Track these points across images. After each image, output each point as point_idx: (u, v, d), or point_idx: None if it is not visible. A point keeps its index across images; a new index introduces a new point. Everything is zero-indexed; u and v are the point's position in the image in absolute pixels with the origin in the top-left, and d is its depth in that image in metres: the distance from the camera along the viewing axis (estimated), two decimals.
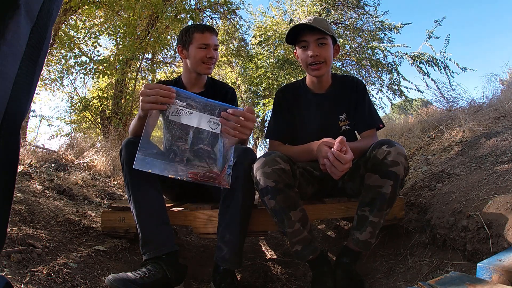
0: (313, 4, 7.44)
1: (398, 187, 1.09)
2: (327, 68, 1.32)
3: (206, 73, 1.46)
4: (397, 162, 1.06)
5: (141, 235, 1.14)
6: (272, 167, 1.07)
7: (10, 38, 0.45)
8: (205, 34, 1.42)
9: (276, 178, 1.07)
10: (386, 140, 1.13)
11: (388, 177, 1.07)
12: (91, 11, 5.18)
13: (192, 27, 1.46)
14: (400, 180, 1.08)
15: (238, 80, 9.13)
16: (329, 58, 1.30)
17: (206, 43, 1.42)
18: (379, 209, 1.09)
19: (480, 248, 1.05)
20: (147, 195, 1.16)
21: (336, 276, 1.14)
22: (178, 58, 7.05)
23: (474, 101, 2.97)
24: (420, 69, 7.07)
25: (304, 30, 1.29)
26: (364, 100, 1.38)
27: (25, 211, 1.38)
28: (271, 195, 1.07)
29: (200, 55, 1.41)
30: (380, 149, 1.09)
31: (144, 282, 1.02)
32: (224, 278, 1.13)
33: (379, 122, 1.37)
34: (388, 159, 1.07)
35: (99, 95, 5.20)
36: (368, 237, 1.11)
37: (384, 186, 1.07)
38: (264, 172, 1.07)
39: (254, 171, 1.11)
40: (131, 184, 1.16)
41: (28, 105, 0.53)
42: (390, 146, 1.08)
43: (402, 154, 1.07)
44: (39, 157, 2.71)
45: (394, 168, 1.06)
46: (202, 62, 1.42)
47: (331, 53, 1.31)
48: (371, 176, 1.11)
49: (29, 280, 0.91)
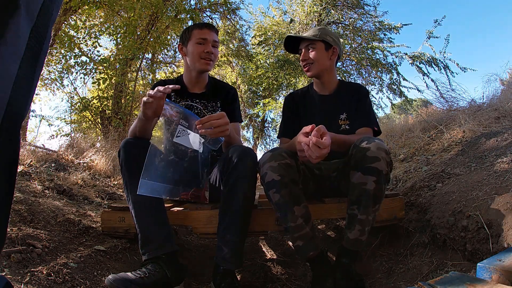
0: (313, 4, 7.43)
1: (382, 182, 1.08)
2: (318, 68, 1.42)
3: (204, 69, 1.44)
4: (377, 158, 1.06)
5: (140, 235, 1.14)
6: (278, 162, 1.11)
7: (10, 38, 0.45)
8: (204, 30, 1.43)
9: (282, 173, 1.10)
10: (366, 137, 1.14)
11: (370, 173, 1.06)
12: (91, 11, 5.18)
13: (192, 25, 1.47)
14: (383, 175, 1.07)
15: (238, 80, 9.13)
16: (317, 59, 1.41)
17: (204, 38, 1.41)
18: (365, 206, 1.09)
19: (480, 248, 1.05)
20: (145, 196, 1.15)
21: (336, 276, 1.14)
22: (178, 58, 7.05)
23: (474, 101, 2.97)
24: (420, 69, 7.06)
25: (298, 40, 1.46)
26: (363, 103, 1.41)
27: (25, 211, 1.38)
28: (276, 189, 1.10)
29: (198, 50, 1.41)
30: (360, 145, 1.10)
31: (144, 282, 1.02)
32: (224, 278, 1.13)
33: (375, 125, 1.38)
34: (368, 155, 1.06)
35: (99, 95, 5.19)
36: (357, 236, 1.11)
37: (368, 182, 1.07)
38: (270, 166, 1.10)
39: (261, 165, 1.14)
40: (130, 185, 1.16)
41: (28, 105, 0.53)
42: (369, 142, 1.08)
43: (382, 148, 1.07)
44: (39, 157, 2.71)
45: (375, 164, 1.06)
46: (200, 58, 1.41)
47: (320, 55, 1.41)
48: (354, 174, 1.11)
49: (29, 280, 0.91)
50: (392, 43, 7.32)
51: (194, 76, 1.49)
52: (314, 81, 1.54)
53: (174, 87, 1.13)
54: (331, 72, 1.47)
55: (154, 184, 1.09)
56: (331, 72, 1.47)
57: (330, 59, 1.44)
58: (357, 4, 7.43)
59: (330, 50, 1.43)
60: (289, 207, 1.11)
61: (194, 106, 1.49)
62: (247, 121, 11.01)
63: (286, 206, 1.11)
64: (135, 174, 1.14)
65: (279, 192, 1.10)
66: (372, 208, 1.09)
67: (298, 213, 1.12)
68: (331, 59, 1.44)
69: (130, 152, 1.18)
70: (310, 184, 1.31)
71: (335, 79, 1.50)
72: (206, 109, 1.49)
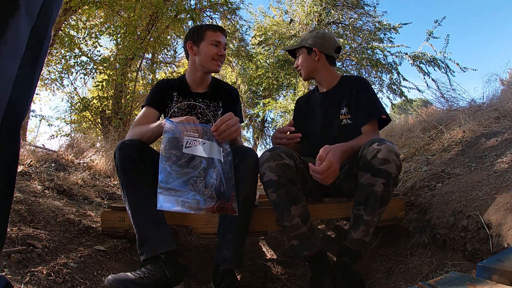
0: (313, 4, 7.43)
1: (391, 185, 1.08)
2: (305, 72, 1.52)
3: (215, 70, 1.48)
4: (388, 160, 1.06)
5: (137, 236, 1.14)
6: (276, 162, 1.12)
7: (10, 38, 0.45)
8: (217, 32, 1.46)
9: (280, 173, 1.11)
10: (377, 138, 1.13)
11: (380, 175, 1.07)
12: (91, 11, 5.18)
13: (205, 25, 1.49)
14: (392, 178, 1.08)
15: (238, 80, 9.14)
16: (302, 64, 1.52)
17: (218, 40, 1.44)
18: (372, 208, 1.09)
19: (480, 248, 1.05)
20: (142, 196, 1.15)
21: (337, 275, 1.15)
22: (178, 58, 7.05)
23: (474, 101, 2.97)
24: (421, 69, 7.07)
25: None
26: (364, 94, 1.39)
27: (25, 211, 1.38)
28: (274, 189, 1.12)
29: (212, 51, 1.43)
30: (371, 147, 1.10)
31: (144, 282, 1.02)
32: (224, 278, 1.13)
33: (381, 113, 1.34)
34: (379, 157, 1.06)
35: (99, 95, 5.18)
36: (361, 236, 1.12)
37: (376, 184, 1.07)
38: (268, 166, 1.12)
39: (260, 164, 1.17)
40: (126, 185, 1.16)
41: (28, 105, 0.53)
42: (380, 144, 1.08)
43: (393, 151, 1.07)
44: (39, 157, 2.71)
45: (385, 166, 1.06)
46: (212, 59, 1.44)
47: (303, 60, 1.52)
48: (363, 175, 1.11)
49: (29, 280, 0.91)
50: (392, 43, 7.33)
51: (199, 76, 1.50)
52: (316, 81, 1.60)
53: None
54: (323, 71, 1.51)
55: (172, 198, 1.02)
56: (323, 71, 1.50)
57: (316, 61, 1.49)
58: (357, 4, 7.43)
59: (312, 53, 1.49)
60: (286, 206, 1.12)
61: (197, 106, 1.49)
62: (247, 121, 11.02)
63: (282, 205, 1.12)
64: (130, 175, 1.15)
65: (276, 192, 1.11)
66: (378, 210, 1.10)
67: (295, 212, 1.12)
68: (318, 60, 1.49)
69: (125, 153, 1.17)
70: (309, 183, 1.31)
71: (333, 75, 1.52)
72: (209, 108, 1.50)
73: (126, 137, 1.32)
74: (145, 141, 1.27)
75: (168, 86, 1.51)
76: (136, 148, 1.20)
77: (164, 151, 1.05)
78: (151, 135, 1.25)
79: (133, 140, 1.24)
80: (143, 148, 1.25)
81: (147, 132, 1.25)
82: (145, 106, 1.44)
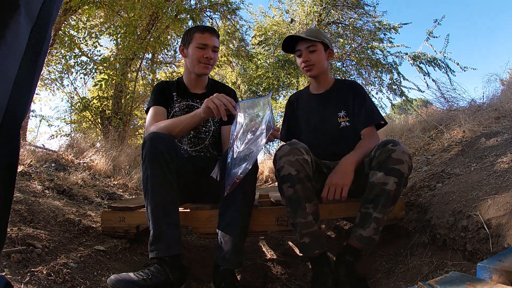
0: (313, 4, 7.43)
1: (402, 185, 1.11)
2: (319, 69, 1.47)
3: (202, 72, 1.46)
4: (401, 160, 1.09)
5: (152, 232, 1.13)
6: (296, 156, 1.11)
7: (10, 38, 0.45)
8: (205, 34, 1.43)
9: (299, 168, 1.11)
10: (391, 139, 1.17)
11: (393, 174, 1.09)
12: (91, 11, 5.17)
13: (194, 27, 1.47)
14: (404, 178, 1.11)
15: (238, 80, 9.13)
16: (319, 61, 1.45)
17: (205, 43, 1.42)
18: (384, 206, 1.11)
19: (480, 248, 1.05)
20: (164, 194, 1.15)
21: (339, 273, 1.15)
22: (178, 58, 7.05)
23: (474, 101, 2.97)
24: (421, 69, 7.07)
25: (297, 40, 1.47)
26: (361, 99, 1.43)
27: (25, 211, 1.38)
28: (291, 183, 1.11)
29: (197, 54, 1.42)
30: (385, 147, 1.13)
31: (147, 284, 1.01)
32: (224, 278, 1.12)
33: (378, 119, 1.40)
34: (393, 157, 1.10)
35: (99, 95, 5.19)
36: (372, 233, 1.13)
37: (389, 183, 1.10)
38: (288, 160, 1.11)
39: (278, 158, 1.15)
40: (151, 180, 1.14)
41: (28, 105, 0.53)
42: (395, 145, 1.12)
43: (407, 153, 1.11)
44: (39, 157, 2.71)
45: (398, 166, 1.09)
46: (199, 62, 1.43)
47: (321, 57, 1.46)
48: (375, 174, 1.13)
49: (29, 280, 0.91)
50: (392, 43, 7.33)
51: (193, 78, 1.51)
52: (311, 81, 1.59)
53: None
54: (327, 72, 1.53)
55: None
56: (327, 72, 1.53)
57: (327, 60, 1.50)
58: (357, 4, 7.43)
59: (327, 52, 1.49)
60: (301, 203, 1.12)
61: (195, 106, 1.49)
62: None
63: (298, 202, 1.12)
64: (158, 170, 1.13)
65: (293, 186, 1.11)
66: (388, 209, 1.13)
67: (309, 210, 1.13)
68: (328, 60, 1.51)
69: (156, 146, 1.15)
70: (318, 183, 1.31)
71: (330, 78, 1.55)
72: None
73: (152, 129, 1.27)
74: (176, 134, 1.25)
75: (168, 86, 1.52)
76: (167, 143, 1.18)
77: (242, 131, 1.05)
78: (185, 126, 1.24)
79: (165, 134, 1.21)
80: (173, 144, 1.23)
81: (179, 123, 1.24)
82: (152, 107, 1.43)
